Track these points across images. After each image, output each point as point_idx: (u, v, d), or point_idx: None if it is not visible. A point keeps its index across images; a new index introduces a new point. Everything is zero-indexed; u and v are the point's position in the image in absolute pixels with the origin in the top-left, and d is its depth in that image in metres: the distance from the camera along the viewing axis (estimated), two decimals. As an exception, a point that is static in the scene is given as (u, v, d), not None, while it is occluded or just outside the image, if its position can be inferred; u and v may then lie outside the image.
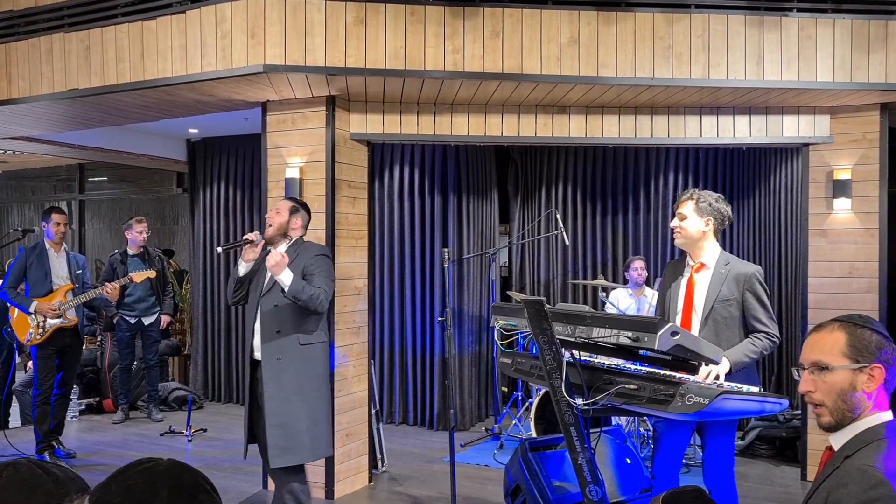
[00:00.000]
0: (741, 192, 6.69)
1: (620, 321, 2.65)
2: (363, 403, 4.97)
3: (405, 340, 6.63)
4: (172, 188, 9.01)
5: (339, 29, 4.16)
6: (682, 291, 3.38)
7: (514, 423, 6.02)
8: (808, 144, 5.04)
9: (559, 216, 6.12)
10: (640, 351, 2.86)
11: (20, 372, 7.20)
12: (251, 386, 3.75)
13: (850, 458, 1.63)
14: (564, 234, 5.69)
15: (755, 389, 2.78)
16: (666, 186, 6.96)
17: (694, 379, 2.81)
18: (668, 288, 3.47)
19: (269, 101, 4.83)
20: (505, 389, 7.08)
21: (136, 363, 7.00)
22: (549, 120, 4.94)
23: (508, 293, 6.16)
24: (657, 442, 3.42)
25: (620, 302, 5.98)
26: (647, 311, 5.82)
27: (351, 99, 4.79)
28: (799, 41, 4.42)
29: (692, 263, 3.39)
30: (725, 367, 3.00)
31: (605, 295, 6.07)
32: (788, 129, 4.99)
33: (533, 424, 5.45)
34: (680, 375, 2.80)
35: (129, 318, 6.65)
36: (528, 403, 6.09)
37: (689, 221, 3.35)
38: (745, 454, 5.59)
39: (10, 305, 5.50)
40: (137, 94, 4.59)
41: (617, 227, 7.12)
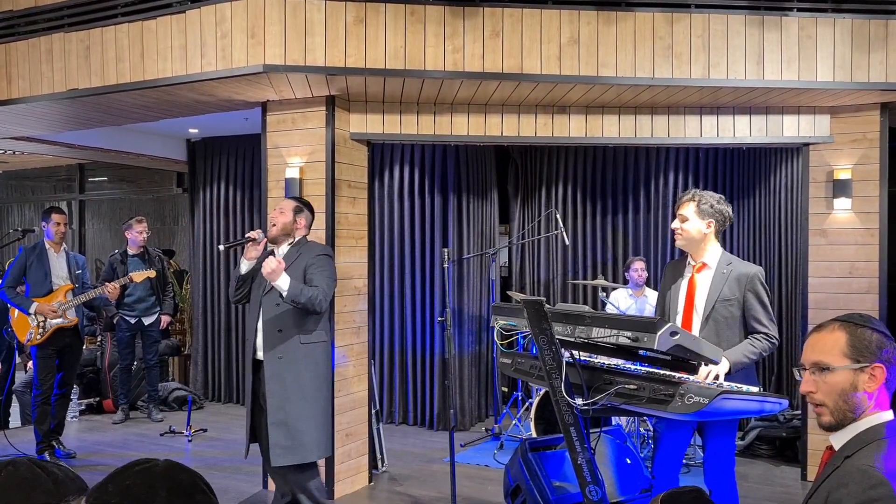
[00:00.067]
0: (741, 191, 6.69)
1: (620, 321, 2.65)
2: (363, 403, 4.97)
3: (405, 340, 6.63)
4: (172, 188, 9.01)
5: (338, 29, 4.16)
6: (682, 291, 3.37)
7: (514, 423, 6.01)
8: (808, 144, 5.04)
9: (559, 216, 6.11)
10: (639, 351, 2.86)
11: (20, 372, 7.20)
12: (253, 385, 3.75)
13: (850, 458, 1.62)
14: (564, 234, 5.69)
15: (755, 389, 2.78)
16: (666, 186, 6.95)
17: (694, 379, 2.80)
18: (668, 288, 3.46)
19: (269, 101, 4.82)
20: (505, 389, 7.08)
21: (136, 363, 7.00)
22: (549, 120, 4.93)
23: (508, 293, 6.15)
24: (657, 442, 3.42)
25: (620, 302, 5.97)
26: (647, 311, 5.81)
27: (351, 99, 4.79)
28: (799, 41, 4.42)
29: (693, 263, 3.38)
30: (725, 367, 2.99)
31: (605, 295, 6.06)
32: (788, 128, 4.99)
33: (533, 424, 5.45)
34: (680, 375, 2.80)
35: (129, 318, 6.65)
36: (528, 403, 6.08)
37: (690, 223, 3.33)
38: (745, 454, 5.59)
39: (10, 306, 5.51)
40: (137, 94, 4.59)
41: (617, 227, 7.11)
